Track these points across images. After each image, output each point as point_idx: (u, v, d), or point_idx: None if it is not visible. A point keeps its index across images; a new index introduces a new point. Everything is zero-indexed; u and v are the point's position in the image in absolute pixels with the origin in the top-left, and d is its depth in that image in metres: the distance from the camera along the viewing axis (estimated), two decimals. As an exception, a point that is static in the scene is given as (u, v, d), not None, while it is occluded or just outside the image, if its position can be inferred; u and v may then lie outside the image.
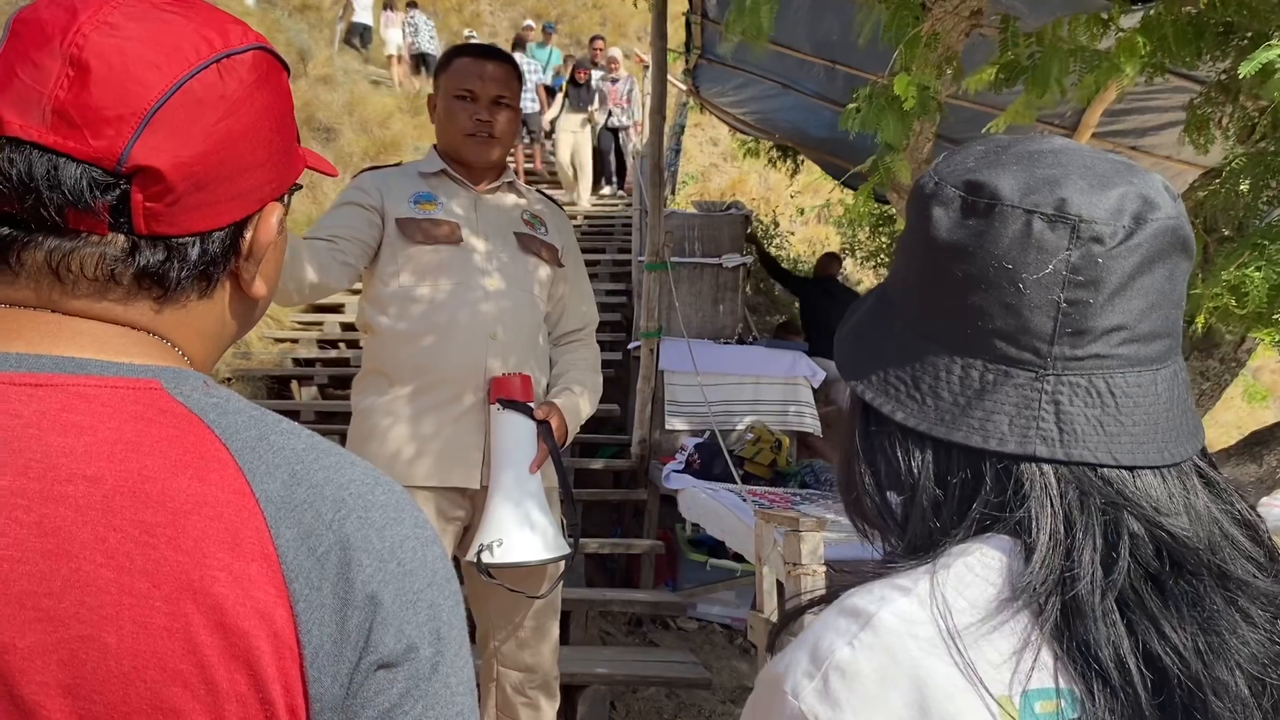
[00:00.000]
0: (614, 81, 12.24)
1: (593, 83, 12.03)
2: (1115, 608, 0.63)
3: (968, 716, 0.61)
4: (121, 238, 0.67)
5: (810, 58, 5.55)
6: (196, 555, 0.60)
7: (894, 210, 2.64)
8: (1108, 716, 0.60)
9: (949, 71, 2.22)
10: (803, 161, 9.36)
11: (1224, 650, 0.62)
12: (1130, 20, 2.81)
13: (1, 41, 0.67)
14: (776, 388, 6.31)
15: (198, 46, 0.68)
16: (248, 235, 0.73)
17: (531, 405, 2.31)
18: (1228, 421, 10.86)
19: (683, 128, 11.11)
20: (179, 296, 0.70)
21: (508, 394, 2.28)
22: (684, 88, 8.31)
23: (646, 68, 8.95)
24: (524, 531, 2.24)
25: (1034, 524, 0.65)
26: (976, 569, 0.66)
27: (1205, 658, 0.61)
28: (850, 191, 7.91)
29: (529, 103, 11.87)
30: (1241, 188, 2.07)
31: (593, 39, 13.33)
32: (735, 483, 4.65)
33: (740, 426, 5.96)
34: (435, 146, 2.54)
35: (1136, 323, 0.66)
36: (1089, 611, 0.62)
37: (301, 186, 0.82)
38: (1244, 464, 2.26)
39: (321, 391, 7.35)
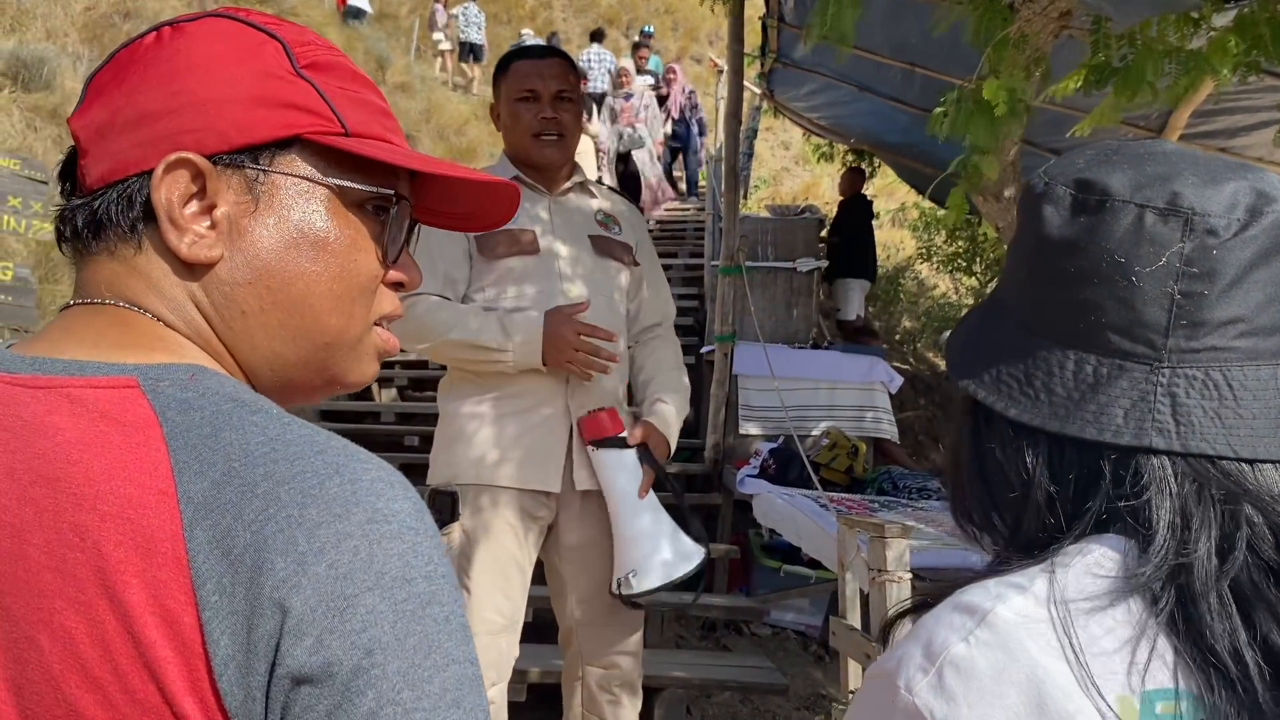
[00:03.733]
0: (627, 97, 10.89)
1: (607, 98, 10.92)
2: (1232, 599, 0.63)
3: (1085, 716, 0.61)
4: (80, 200, 0.74)
5: (888, 60, 5.51)
6: (114, 560, 0.60)
7: (980, 211, 2.61)
8: (1226, 708, 0.60)
9: (1038, 74, 2.19)
10: (878, 165, 9.29)
11: None
12: (1223, 19, 2.74)
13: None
14: (853, 393, 6.26)
15: (157, 27, 0.75)
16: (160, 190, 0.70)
17: (624, 435, 2.34)
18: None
19: (755, 132, 11.06)
20: (105, 246, 0.73)
21: (599, 434, 2.33)
22: (758, 91, 8.31)
23: (720, 73, 8.97)
24: (652, 558, 2.31)
25: (1153, 515, 0.65)
26: (1095, 569, 0.66)
27: None
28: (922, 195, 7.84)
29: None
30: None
31: (636, 45, 12.78)
32: (813, 488, 4.63)
33: (816, 432, 5.93)
34: (505, 153, 2.56)
35: (1255, 315, 0.66)
36: (1204, 601, 0.62)
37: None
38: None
39: (401, 394, 7.49)
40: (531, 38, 15.00)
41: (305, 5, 12.62)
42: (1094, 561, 0.66)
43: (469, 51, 15.67)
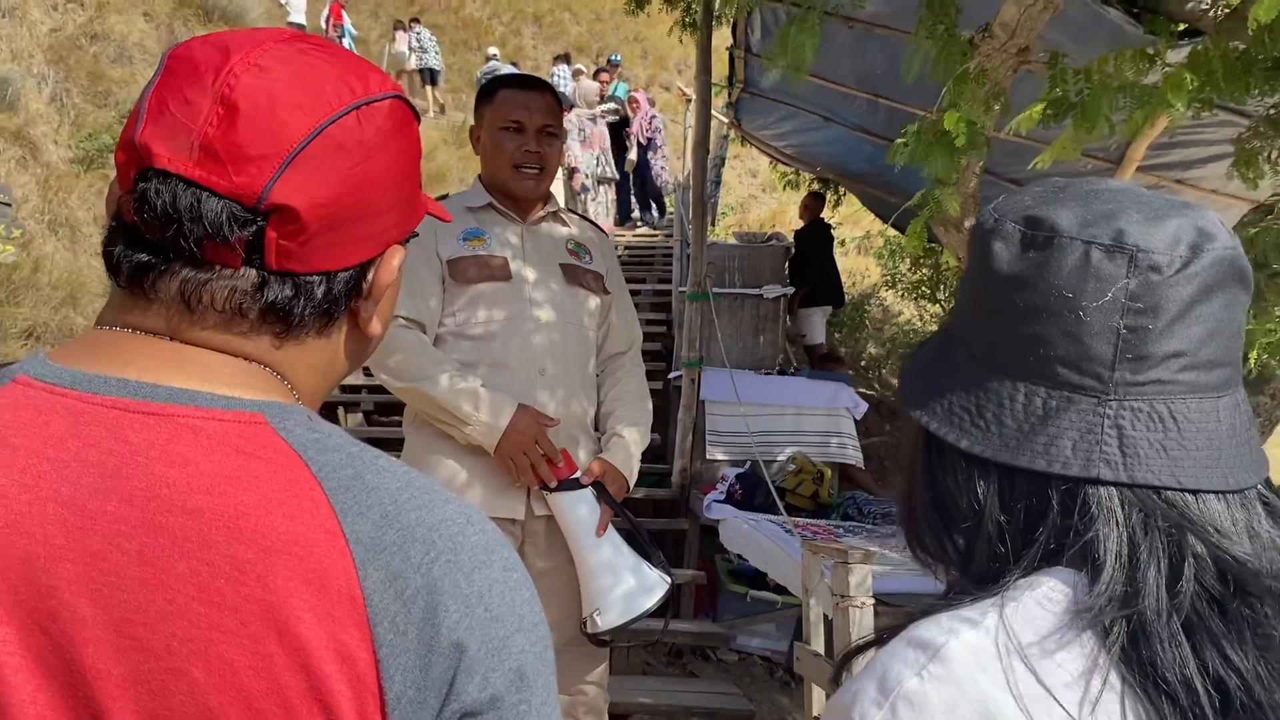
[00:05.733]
0: (595, 121, 10.52)
1: (573, 114, 10.52)
2: (1180, 630, 0.64)
3: None
4: (253, 272, 0.69)
5: (853, 91, 5.60)
6: (284, 594, 0.61)
7: (941, 241, 2.66)
8: None
9: (997, 107, 2.24)
10: (844, 194, 9.39)
11: None
12: (1177, 55, 2.82)
13: (157, 76, 0.70)
14: (818, 419, 6.30)
15: (340, 92, 0.71)
16: (370, 276, 0.75)
17: (578, 476, 2.35)
18: (1279, 459, 10.67)
19: (723, 160, 11.13)
20: (300, 333, 0.72)
21: (556, 476, 2.34)
22: (725, 120, 8.39)
23: (689, 102, 9.04)
24: (614, 593, 2.32)
25: (1100, 546, 0.67)
26: (1045, 603, 0.67)
27: (1265, 682, 0.63)
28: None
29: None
30: (1292, 223, 2.07)
31: (597, 71, 12.74)
32: (778, 514, 4.65)
33: (782, 457, 5.95)
34: (480, 178, 2.56)
35: (1196, 349, 0.68)
36: (1155, 632, 0.64)
37: (419, 234, 0.84)
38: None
39: (367, 418, 7.44)
40: (498, 58, 15.04)
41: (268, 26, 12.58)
42: (1043, 595, 0.67)
43: (427, 76, 15.86)
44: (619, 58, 14.40)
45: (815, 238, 9.08)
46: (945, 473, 0.75)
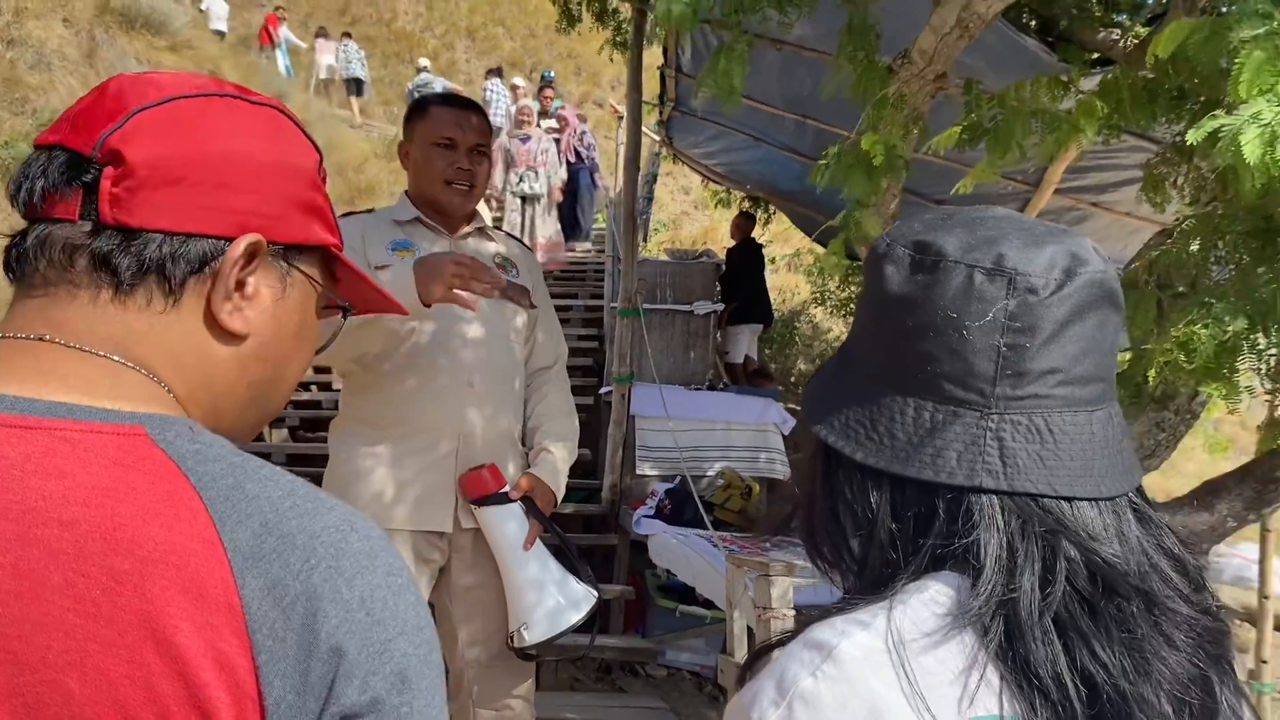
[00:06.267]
0: (524, 140, 9.99)
1: (502, 138, 10.03)
2: (1053, 628, 0.68)
3: None
4: (88, 224, 0.72)
5: (781, 112, 5.69)
6: (161, 603, 0.61)
7: (863, 263, 2.74)
8: None
9: (915, 131, 2.31)
10: (773, 212, 9.53)
11: (1148, 669, 0.68)
12: (1090, 83, 2.93)
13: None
14: (747, 434, 6.37)
15: (212, 88, 0.77)
16: (221, 258, 0.75)
17: (506, 490, 2.36)
18: (1190, 472, 11.02)
19: (655, 176, 11.21)
20: (135, 295, 0.72)
21: (481, 491, 2.34)
22: (657, 138, 8.47)
23: (621, 118, 9.10)
24: (542, 608, 2.33)
25: (981, 550, 0.70)
26: (930, 605, 0.71)
27: (1131, 676, 0.67)
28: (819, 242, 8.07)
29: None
30: (1192, 248, 2.17)
31: (542, 87, 12.65)
32: (706, 529, 4.69)
33: (711, 472, 6.01)
34: (406, 193, 2.56)
35: (1071, 366, 0.73)
36: (1029, 631, 0.68)
37: (329, 294, 0.87)
38: (1197, 512, 2.34)
39: (292, 434, 7.33)
40: (430, 71, 14.96)
41: (199, 37, 12.40)
42: (930, 597, 0.71)
43: (354, 86, 15.83)
44: (552, 74, 14.38)
45: (746, 256, 9.19)
46: (842, 484, 0.78)
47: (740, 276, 8.95)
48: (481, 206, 2.66)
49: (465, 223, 2.55)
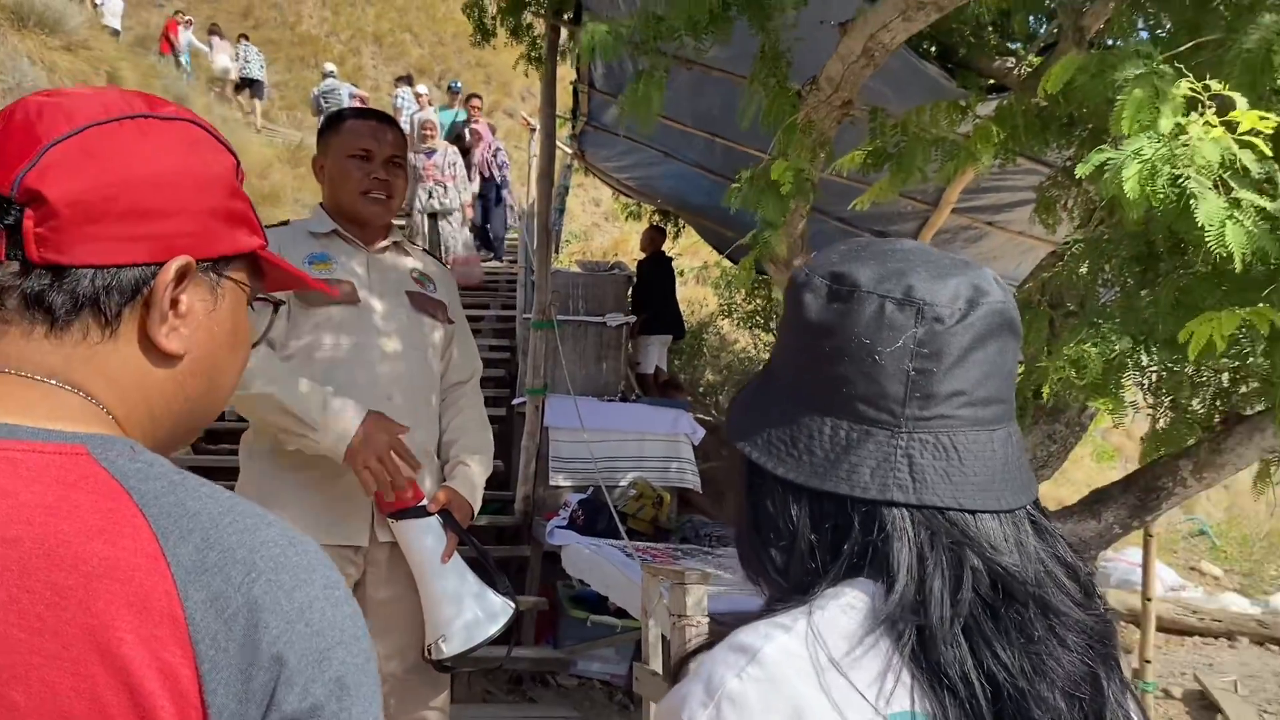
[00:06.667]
0: (429, 154, 9.72)
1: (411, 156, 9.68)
2: (960, 632, 0.74)
3: None
4: (16, 264, 0.72)
5: (692, 129, 5.79)
6: (105, 617, 0.63)
7: (771, 278, 2.83)
8: None
9: (822, 155, 2.41)
10: (683, 225, 9.65)
11: (1044, 669, 0.74)
12: (986, 108, 3.07)
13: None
14: (659, 444, 6.44)
15: (120, 107, 0.76)
16: (153, 284, 0.76)
17: (424, 504, 2.36)
18: (1080, 480, 11.49)
19: (567, 189, 11.21)
20: (72, 329, 0.74)
21: (397, 505, 2.34)
22: (570, 151, 8.51)
23: (534, 131, 9.12)
24: (459, 621, 2.33)
25: (894, 560, 0.76)
26: (848, 610, 0.76)
27: (1029, 675, 0.73)
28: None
29: None
30: (1081, 270, 2.30)
31: (469, 97, 12.67)
32: (619, 538, 4.73)
33: (624, 483, 6.05)
34: (322, 205, 2.55)
35: (974, 389, 0.79)
36: (938, 634, 0.74)
37: (268, 298, 0.88)
38: (1085, 520, 2.47)
39: (193, 446, 7.14)
40: (336, 76, 14.72)
41: (96, 37, 12.00)
42: (847, 603, 0.77)
43: (248, 85, 15.55)
44: (460, 85, 14.24)
45: (657, 269, 9.28)
46: (765, 497, 0.83)
47: (651, 289, 9.03)
48: None
49: (383, 236, 2.55)
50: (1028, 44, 4.03)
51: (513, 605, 2.45)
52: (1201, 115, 1.63)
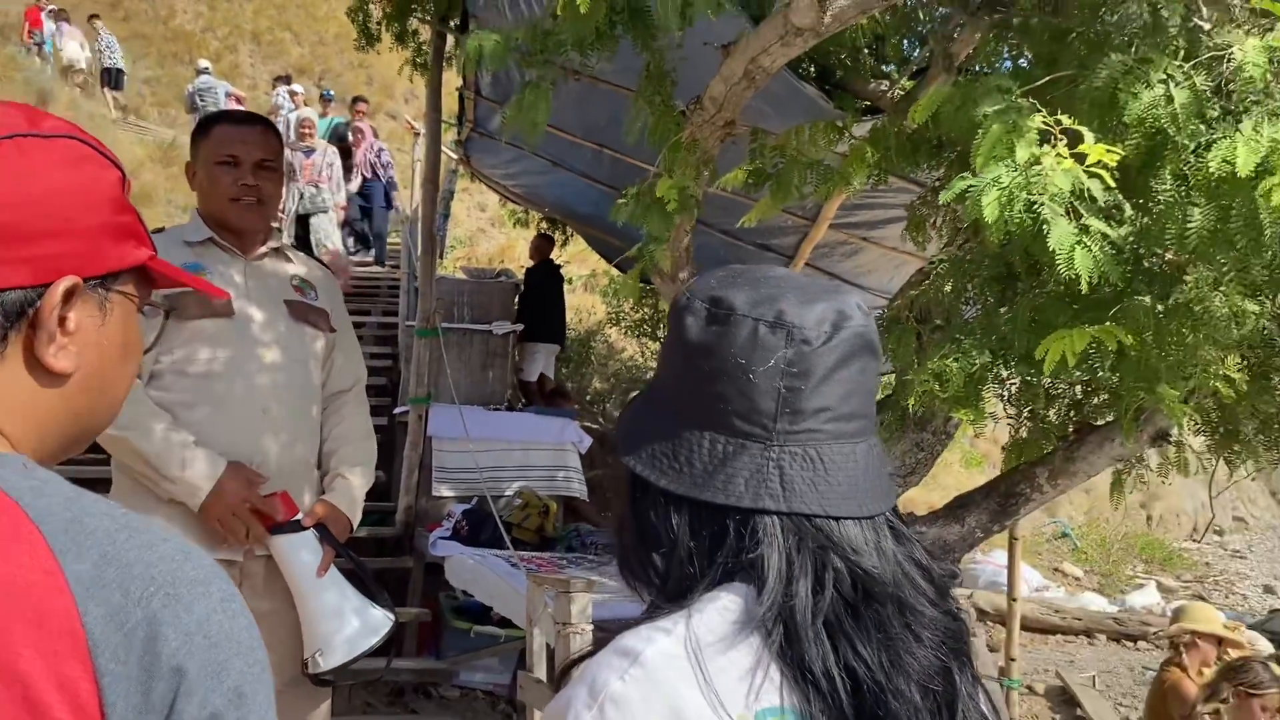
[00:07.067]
0: (308, 153, 9.54)
1: (285, 152, 9.83)
2: (823, 630, 0.80)
3: None
4: None
5: (579, 140, 5.83)
6: (3, 634, 0.64)
7: (658, 289, 2.91)
8: (819, 716, 0.78)
9: (706, 173, 2.48)
10: (571, 233, 9.69)
11: (900, 664, 0.81)
12: (862, 129, 3.20)
13: None
14: (546, 453, 6.45)
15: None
16: (40, 304, 0.76)
17: (299, 518, 2.34)
18: (950, 485, 11.94)
19: (452, 193, 11.12)
20: None
21: (271, 521, 2.32)
22: (455, 157, 8.46)
23: (417, 135, 9.02)
24: (337, 635, 2.32)
25: (765, 564, 0.82)
26: (723, 613, 0.82)
27: (886, 670, 0.80)
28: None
29: None
30: (946, 289, 2.43)
31: (354, 100, 12.38)
32: (504, 549, 4.73)
33: (509, 492, 6.04)
34: (199, 212, 2.50)
35: (839, 405, 0.86)
36: (803, 632, 0.80)
37: (149, 302, 0.88)
38: (950, 524, 2.61)
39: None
40: (211, 72, 14.24)
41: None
42: (722, 606, 0.82)
43: (109, 78, 14.93)
44: (332, 93, 13.79)
45: (545, 277, 9.28)
46: (648, 508, 0.88)
47: (539, 297, 9.03)
48: None
49: (261, 242, 2.52)
50: (901, 68, 4.21)
51: (391, 618, 2.44)
52: (1054, 147, 1.75)
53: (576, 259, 12.16)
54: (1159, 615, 9.41)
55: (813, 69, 4.00)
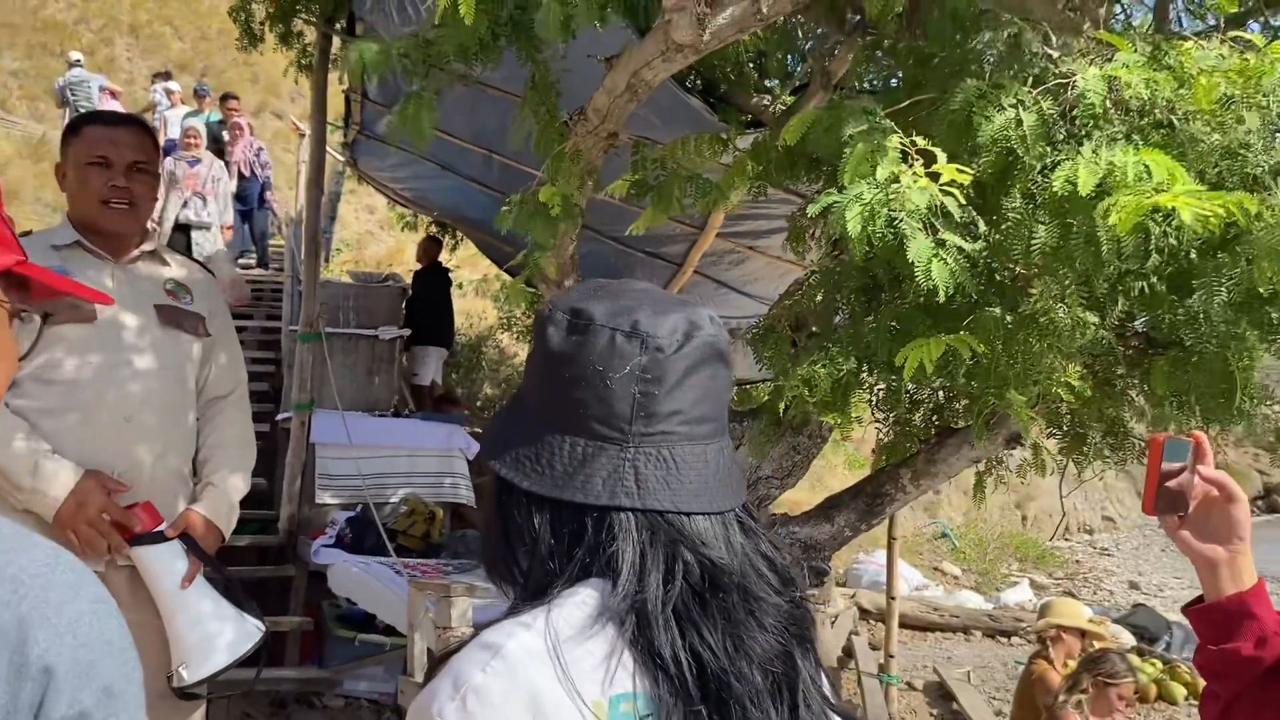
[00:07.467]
0: (193, 163, 9.11)
1: (167, 160, 8.71)
2: (673, 618, 0.86)
3: (569, 719, 0.81)
4: None
5: (469, 145, 5.82)
6: None
7: (544, 296, 2.95)
8: (667, 698, 0.84)
9: (589, 183, 2.54)
10: (461, 237, 9.63)
11: (743, 648, 0.87)
12: (745, 142, 3.29)
13: None
14: (432, 460, 6.41)
15: None
16: None
17: (162, 529, 2.31)
18: (835, 486, 12.21)
19: (339, 195, 10.93)
20: None
21: (132, 532, 2.28)
22: (342, 159, 8.33)
23: (303, 136, 8.85)
24: (203, 646, 2.29)
25: (620, 558, 0.88)
26: (581, 606, 0.87)
27: (731, 654, 0.86)
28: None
29: None
30: (817, 298, 2.54)
31: (224, 97, 11.86)
32: (388, 556, 4.70)
33: (395, 499, 5.99)
34: (69, 215, 2.44)
35: (690, 409, 0.92)
36: (654, 621, 0.85)
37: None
38: (820, 524, 2.72)
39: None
40: (83, 65, 13.63)
41: None
42: (580, 600, 0.87)
43: None
44: (208, 88, 13.22)
45: (433, 280, 9.20)
46: (513, 509, 0.93)
47: (427, 301, 8.95)
48: None
49: (134, 246, 2.46)
50: (784, 83, 4.34)
51: (262, 628, 2.41)
52: (911, 167, 1.86)
53: (467, 263, 12.09)
54: (1031, 611, 9.81)
55: (699, 82, 4.10)
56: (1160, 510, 1.27)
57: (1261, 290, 1.84)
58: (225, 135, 10.80)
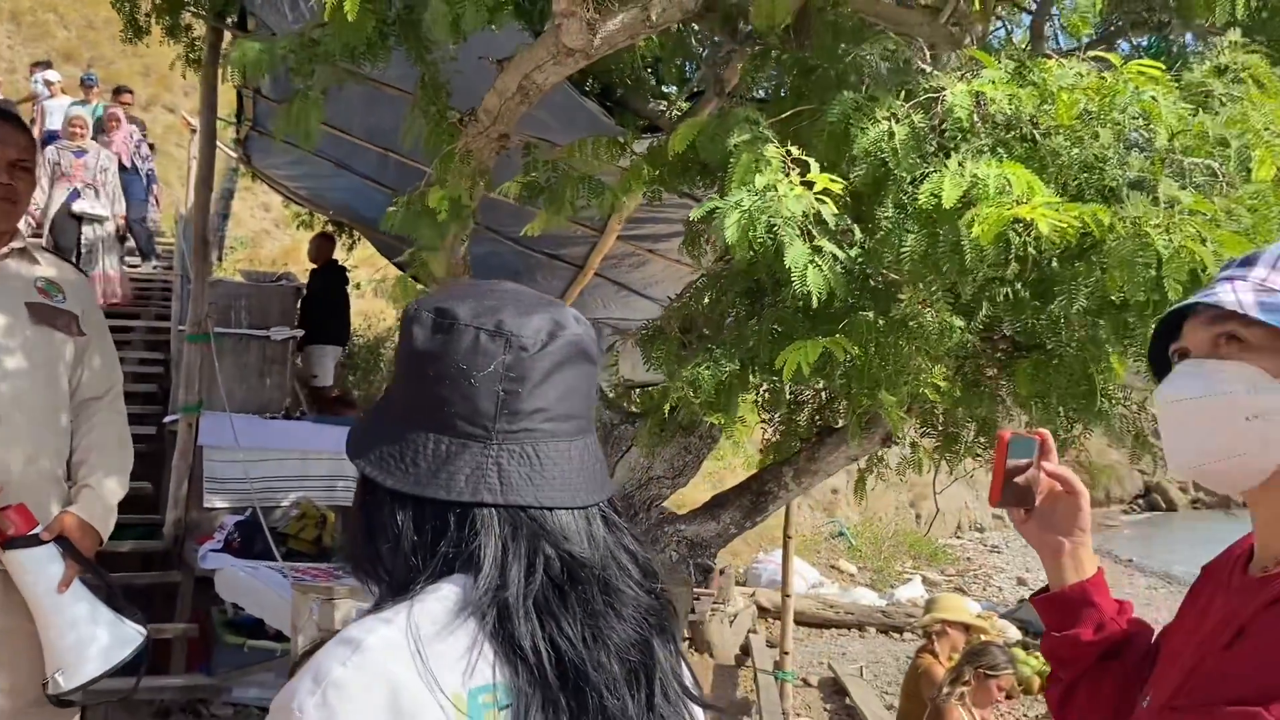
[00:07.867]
0: (79, 154, 8.71)
1: (49, 150, 8.52)
2: (533, 610, 0.88)
3: (428, 712, 0.83)
4: None
5: (364, 143, 5.76)
6: None
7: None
8: (526, 688, 0.86)
9: (481, 184, 2.54)
10: (358, 236, 9.48)
11: (601, 638, 0.90)
12: (642, 146, 3.34)
13: None
14: (325, 463, 6.29)
15: None
16: None
17: (37, 532, 2.25)
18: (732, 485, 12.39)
19: (232, 193, 10.65)
20: None
21: (5, 535, 2.22)
22: (235, 155, 8.12)
23: (194, 132, 8.60)
24: (80, 653, 2.23)
25: (482, 553, 0.89)
26: (443, 601, 0.89)
27: (589, 644, 0.89)
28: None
29: None
30: (705, 301, 2.59)
31: (117, 90, 11.51)
32: (276, 560, 4.61)
33: (286, 503, 5.87)
34: None
35: (553, 406, 0.94)
36: (515, 613, 0.87)
37: None
38: (706, 522, 2.78)
39: None
40: None
41: None
42: (443, 595, 0.89)
43: None
44: (95, 77, 12.70)
45: (328, 279, 9.02)
46: (377, 507, 0.94)
47: (323, 300, 8.77)
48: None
49: (4, 243, 2.39)
50: (680, 89, 4.40)
51: (142, 633, 2.37)
52: (788, 176, 1.92)
53: (365, 263, 11.89)
54: (921, 607, 10.10)
55: (596, 86, 4.13)
56: (1007, 503, 1.34)
57: (1114, 297, 1.94)
58: (105, 121, 10.32)
